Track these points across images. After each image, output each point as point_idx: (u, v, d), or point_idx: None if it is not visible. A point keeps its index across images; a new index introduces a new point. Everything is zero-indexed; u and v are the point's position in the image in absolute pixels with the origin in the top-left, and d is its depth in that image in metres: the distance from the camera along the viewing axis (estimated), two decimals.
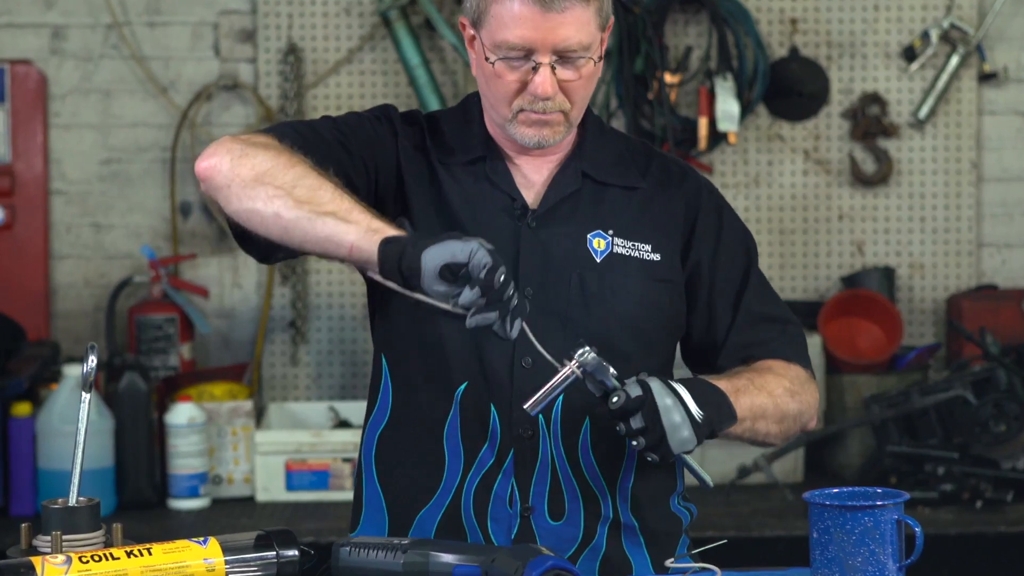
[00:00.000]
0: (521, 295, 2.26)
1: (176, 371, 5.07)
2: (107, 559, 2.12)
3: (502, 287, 2.21)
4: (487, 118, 2.57)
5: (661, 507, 2.59)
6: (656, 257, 2.55)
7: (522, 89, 2.46)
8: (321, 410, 5.15)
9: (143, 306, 5.12)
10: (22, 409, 4.72)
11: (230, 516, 4.68)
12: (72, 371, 4.69)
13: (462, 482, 2.50)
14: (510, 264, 2.47)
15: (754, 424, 2.50)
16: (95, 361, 2.26)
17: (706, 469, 2.42)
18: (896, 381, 5.05)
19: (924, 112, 5.33)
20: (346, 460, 4.79)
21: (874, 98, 5.34)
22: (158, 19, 5.27)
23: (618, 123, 5.16)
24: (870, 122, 5.34)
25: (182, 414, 4.78)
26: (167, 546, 2.17)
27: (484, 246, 2.21)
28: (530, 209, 2.54)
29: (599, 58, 2.48)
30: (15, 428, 4.71)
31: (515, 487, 2.49)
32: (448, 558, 2.22)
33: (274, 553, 2.22)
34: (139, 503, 4.76)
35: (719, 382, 2.45)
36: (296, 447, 4.82)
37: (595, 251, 2.53)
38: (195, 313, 5.06)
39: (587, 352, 2.31)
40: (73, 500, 2.22)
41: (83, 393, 2.27)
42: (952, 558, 4.47)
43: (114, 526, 2.24)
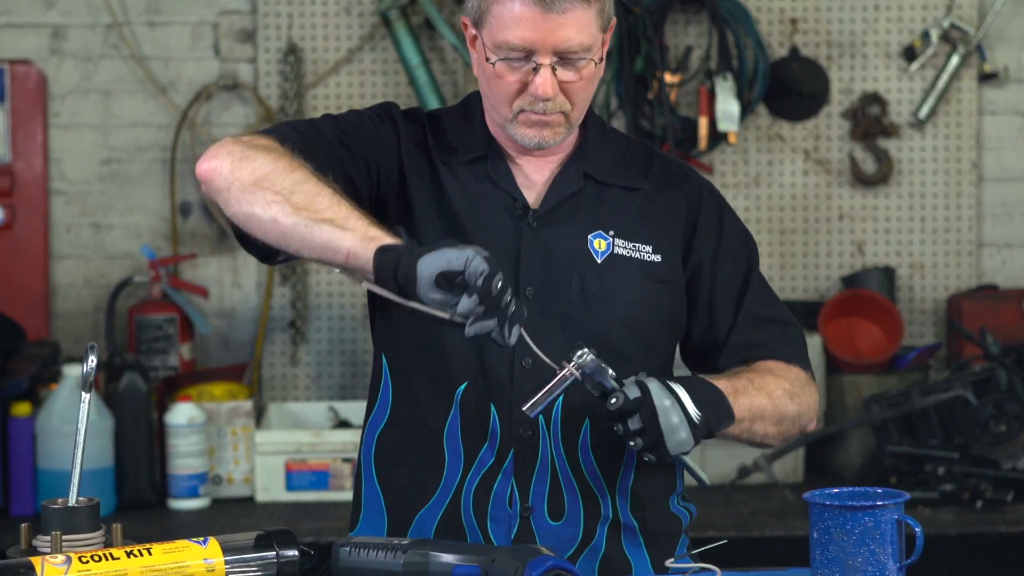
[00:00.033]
0: (519, 300, 2.26)
1: (176, 371, 5.07)
2: (107, 559, 2.12)
3: (499, 294, 2.20)
4: (488, 118, 2.57)
5: (661, 507, 2.58)
6: (657, 258, 2.55)
7: (523, 90, 2.46)
8: (321, 410, 5.14)
9: (143, 306, 5.12)
10: (22, 409, 4.71)
11: (230, 516, 4.68)
12: (72, 371, 4.69)
13: (462, 482, 2.50)
14: (511, 264, 2.47)
15: (752, 425, 2.50)
16: (95, 361, 2.26)
17: (706, 469, 2.43)
18: (896, 381, 5.05)
19: (924, 112, 5.33)
20: (346, 460, 4.78)
21: (874, 98, 5.34)
22: (158, 19, 5.27)
23: (618, 123, 5.16)
24: (870, 122, 5.33)
25: (182, 414, 4.78)
26: (167, 546, 2.17)
27: (480, 253, 2.20)
28: (531, 209, 2.54)
29: (600, 59, 2.48)
30: (15, 428, 4.71)
31: (515, 487, 2.49)
32: (448, 558, 2.22)
33: (274, 553, 2.22)
34: (139, 503, 4.76)
35: (718, 382, 2.45)
36: (296, 447, 4.81)
37: (596, 252, 2.53)
38: (195, 313, 5.06)
39: (586, 354, 2.31)
40: (73, 500, 2.22)
41: (83, 393, 2.26)
42: (952, 558, 4.47)
43: (114, 526, 2.23)
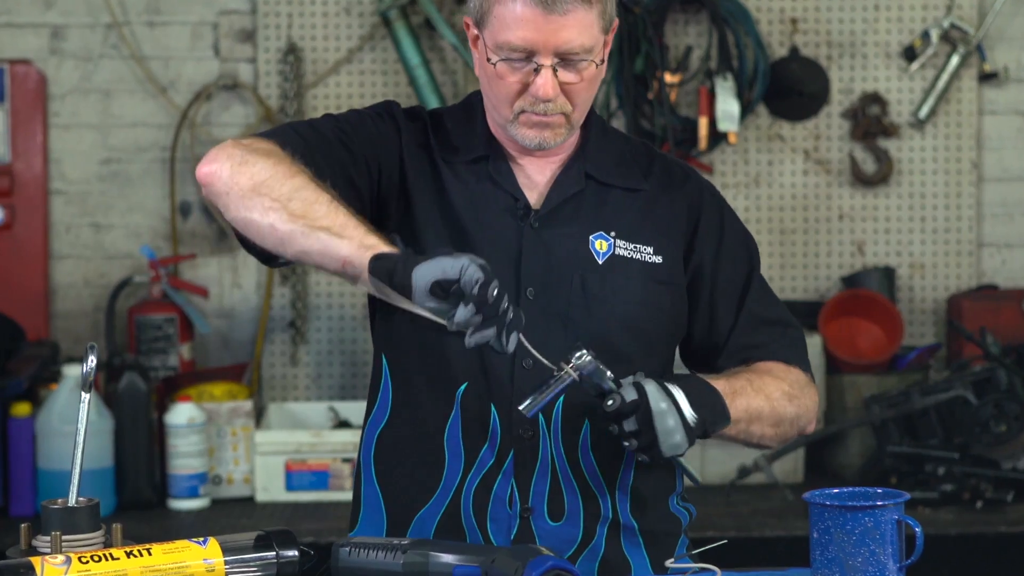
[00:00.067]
0: (516, 306, 2.25)
1: (176, 371, 5.07)
2: (107, 559, 2.12)
3: (496, 301, 2.20)
4: (489, 118, 2.56)
5: (660, 507, 2.58)
6: (658, 259, 2.55)
7: (524, 90, 2.45)
8: (321, 410, 5.14)
9: (143, 306, 5.12)
10: (22, 409, 4.71)
11: (230, 516, 4.68)
12: (72, 371, 4.69)
13: (462, 482, 2.50)
14: (512, 264, 2.47)
15: (749, 427, 2.50)
16: (95, 361, 2.26)
17: (706, 470, 2.43)
18: (896, 381, 5.05)
19: (924, 112, 5.33)
20: (346, 460, 4.78)
21: (874, 98, 5.34)
22: (158, 19, 5.27)
23: (618, 123, 5.16)
24: (870, 122, 5.33)
25: (182, 414, 4.78)
26: (167, 546, 2.17)
27: (475, 261, 2.19)
28: (533, 209, 2.53)
29: (602, 61, 2.48)
30: (15, 428, 4.71)
31: (515, 487, 2.49)
32: (448, 558, 2.22)
33: (274, 553, 2.22)
34: (139, 503, 4.76)
35: (716, 382, 2.45)
36: (296, 447, 4.81)
37: (597, 252, 2.53)
38: (195, 313, 5.06)
39: (584, 355, 2.31)
40: (73, 500, 2.22)
41: (83, 393, 2.26)
42: (952, 558, 4.47)
43: (114, 526, 2.23)
